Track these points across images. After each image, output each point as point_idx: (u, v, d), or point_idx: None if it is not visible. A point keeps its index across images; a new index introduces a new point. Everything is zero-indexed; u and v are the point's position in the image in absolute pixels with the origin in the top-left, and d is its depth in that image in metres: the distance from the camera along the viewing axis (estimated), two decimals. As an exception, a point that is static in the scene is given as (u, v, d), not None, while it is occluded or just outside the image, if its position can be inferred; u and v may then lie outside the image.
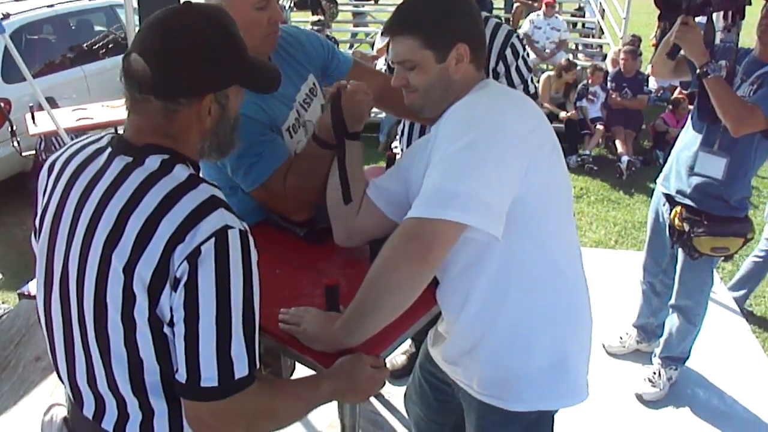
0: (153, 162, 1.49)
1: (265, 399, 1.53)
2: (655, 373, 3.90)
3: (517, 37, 3.18)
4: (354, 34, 14.01)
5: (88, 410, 1.59)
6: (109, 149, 1.56)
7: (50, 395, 3.38)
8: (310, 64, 2.66)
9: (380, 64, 6.12)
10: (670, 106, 8.49)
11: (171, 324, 1.42)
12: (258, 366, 1.50)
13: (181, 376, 1.42)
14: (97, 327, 1.48)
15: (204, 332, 1.39)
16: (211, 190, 1.48)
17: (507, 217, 1.71)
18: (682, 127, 3.65)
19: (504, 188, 1.69)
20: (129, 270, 1.40)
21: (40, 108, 5.97)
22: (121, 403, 1.53)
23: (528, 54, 3.28)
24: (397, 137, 3.57)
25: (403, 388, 3.74)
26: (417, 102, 1.97)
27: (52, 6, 7.98)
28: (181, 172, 1.49)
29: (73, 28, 8.50)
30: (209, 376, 1.41)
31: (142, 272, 1.39)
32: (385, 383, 1.84)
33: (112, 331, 1.45)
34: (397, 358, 3.94)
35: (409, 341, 3.95)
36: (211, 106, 1.53)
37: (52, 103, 6.30)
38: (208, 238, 1.38)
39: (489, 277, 1.86)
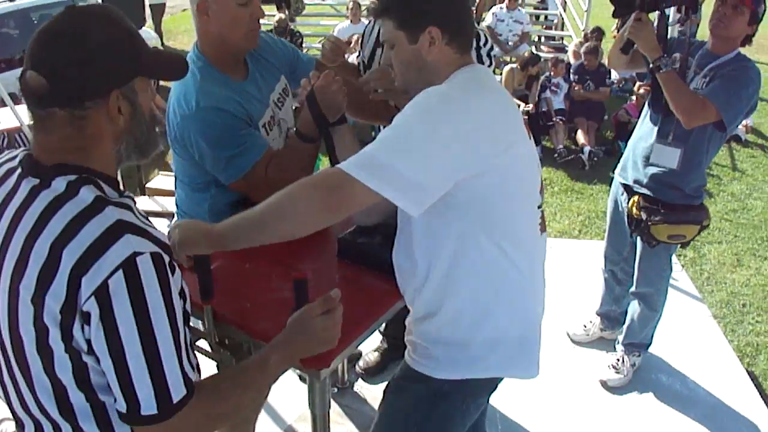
0: (59, 184, 1.42)
1: (208, 408, 1.51)
2: (618, 360, 3.97)
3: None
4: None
5: None
6: (19, 170, 1.49)
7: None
8: (281, 66, 2.76)
9: (352, 58, 6.08)
10: (634, 97, 8.59)
11: (90, 353, 1.39)
12: (197, 377, 1.51)
13: (121, 406, 1.41)
14: (16, 356, 1.45)
15: (134, 365, 1.37)
16: (119, 213, 1.40)
17: (456, 202, 1.82)
18: (643, 118, 3.72)
19: (435, 176, 1.74)
20: (38, 301, 1.36)
21: (3, 104, 5.90)
22: (56, 427, 1.50)
23: (492, 47, 3.29)
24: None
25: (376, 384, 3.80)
26: (399, 84, 2.06)
27: (13, 0, 7.88)
28: (86, 195, 1.41)
29: (35, 22, 8.40)
30: (148, 405, 1.40)
31: (51, 306, 1.35)
32: (339, 324, 1.80)
33: (30, 360, 1.43)
34: (369, 355, 3.94)
35: (380, 337, 3.98)
36: (120, 104, 1.46)
37: (15, 98, 6.24)
38: (115, 271, 1.33)
39: (447, 260, 1.94)
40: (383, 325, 3.52)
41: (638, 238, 3.64)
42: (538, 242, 2.07)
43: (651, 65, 3.18)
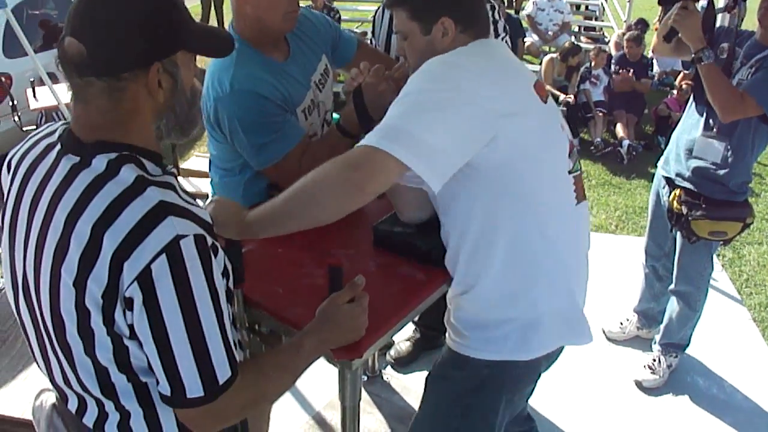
0: (100, 163, 1.39)
1: (252, 387, 1.51)
2: (655, 360, 3.89)
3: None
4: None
5: (72, 406, 1.57)
6: (59, 146, 1.47)
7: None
8: (323, 44, 2.67)
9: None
10: (675, 91, 8.45)
11: (132, 338, 1.37)
12: (241, 354, 1.50)
13: (165, 389, 1.39)
14: (58, 336, 1.44)
15: (179, 350, 1.35)
16: (160, 194, 1.36)
17: (475, 173, 1.81)
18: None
19: (452, 139, 1.72)
20: (79, 285, 1.34)
21: (41, 83, 5.94)
22: (99, 403, 1.50)
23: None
24: None
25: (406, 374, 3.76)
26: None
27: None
28: (127, 175, 1.37)
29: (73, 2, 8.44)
30: (194, 388, 1.38)
31: (92, 290, 1.33)
32: (366, 311, 1.78)
33: (72, 342, 1.41)
34: (401, 344, 3.90)
35: (412, 327, 3.93)
36: (161, 78, 1.42)
37: (53, 78, 6.28)
38: (158, 255, 1.29)
39: (475, 233, 1.93)
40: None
41: (678, 233, 3.56)
42: (574, 213, 2.02)
43: (693, 56, 3.10)
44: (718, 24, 3.43)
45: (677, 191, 3.47)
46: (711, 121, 3.30)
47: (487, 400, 2.11)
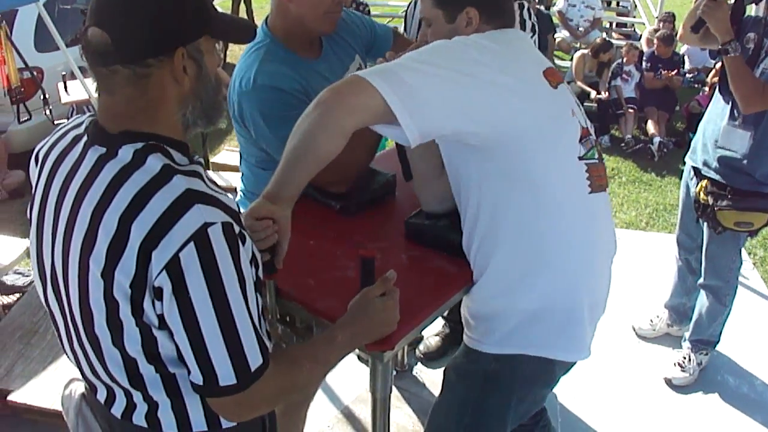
0: (126, 153, 1.38)
1: (284, 376, 1.51)
2: (685, 358, 3.86)
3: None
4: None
5: (101, 396, 1.59)
6: (86, 137, 1.47)
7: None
8: (356, 45, 2.69)
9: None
10: (706, 88, 8.36)
11: (161, 327, 1.37)
12: (270, 344, 1.50)
13: (197, 378, 1.39)
14: (86, 327, 1.44)
15: (210, 338, 1.35)
16: (187, 182, 1.36)
17: (485, 158, 1.85)
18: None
19: (437, 94, 1.71)
20: (107, 276, 1.34)
21: (72, 77, 5.99)
22: (127, 394, 1.52)
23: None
24: None
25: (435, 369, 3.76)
26: None
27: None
28: (153, 164, 1.37)
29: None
30: (226, 375, 1.38)
31: (120, 280, 1.33)
32: (397, 305, 1.77)
33: (100, 333, 1.42)
34: (430, 339, 3.89)
35: (442, 322, 3.93)
36: (186, 64, 1.41)
37: (85, 71, 6.32)
38: (186, 243, 1.29)
39: (485, 219, 1.95)
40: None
41: (705, 224, 3.53)
42: (587, 201, 1.96)
43: (720, 47, 3.11)
44: (748, 14, 3.40)
45: (704, 182, 3.45)
46: (736, 110, 3.28)
47: (497, 396, 2.13)
